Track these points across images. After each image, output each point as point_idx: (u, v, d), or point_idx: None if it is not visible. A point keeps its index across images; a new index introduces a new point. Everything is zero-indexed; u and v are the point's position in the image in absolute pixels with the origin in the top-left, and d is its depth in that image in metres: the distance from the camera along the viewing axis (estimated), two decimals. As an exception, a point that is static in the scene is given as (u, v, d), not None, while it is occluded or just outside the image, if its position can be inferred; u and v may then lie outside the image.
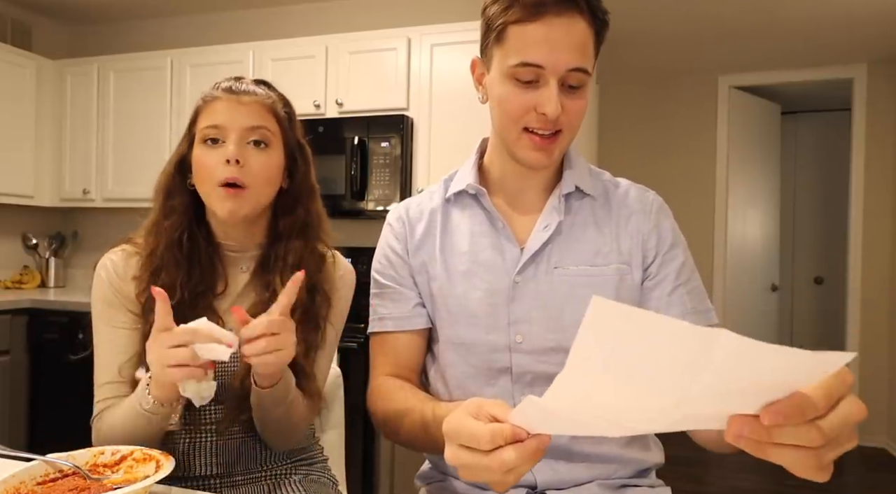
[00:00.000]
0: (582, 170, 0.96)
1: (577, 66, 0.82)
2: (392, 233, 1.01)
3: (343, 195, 2.62)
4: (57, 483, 0.73)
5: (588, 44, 0.83)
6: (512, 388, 0.91)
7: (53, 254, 3.44)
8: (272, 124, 0.98)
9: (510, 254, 0.92)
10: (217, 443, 0.97)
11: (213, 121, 0.94)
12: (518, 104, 0.84)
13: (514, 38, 0.82)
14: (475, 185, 0.95)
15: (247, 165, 0.94)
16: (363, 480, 2.33)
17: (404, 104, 2.64)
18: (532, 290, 0.90)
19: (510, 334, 0.90)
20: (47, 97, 3.22)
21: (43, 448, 0.84)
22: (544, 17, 0.80)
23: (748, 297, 4.30)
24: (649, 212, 0.94)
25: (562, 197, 0.93)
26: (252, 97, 0.96)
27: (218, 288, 1.00)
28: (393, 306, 0.98)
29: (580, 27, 0.82)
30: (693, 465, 3.44)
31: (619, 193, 0.97)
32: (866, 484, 3.24)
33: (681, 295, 0.91)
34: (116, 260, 0.98)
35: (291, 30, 3.19)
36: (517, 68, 0.82)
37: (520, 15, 0.81)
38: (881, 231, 3.84)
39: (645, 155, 4.33)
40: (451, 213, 0.99)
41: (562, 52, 0.80)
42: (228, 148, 0.93)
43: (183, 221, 0.97)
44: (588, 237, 0.92)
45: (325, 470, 1.10)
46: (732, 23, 3.24)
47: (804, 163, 5.13)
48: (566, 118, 0.85)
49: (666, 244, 0.93)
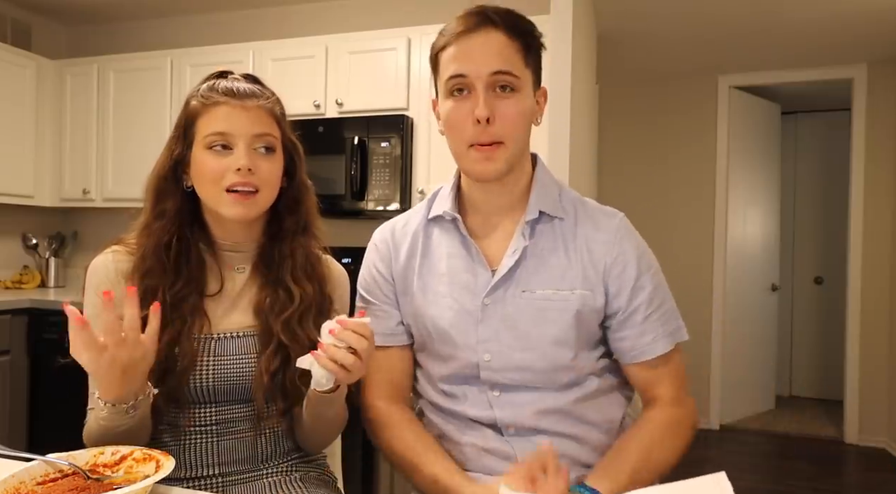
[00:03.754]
0: (550, 191, 1.00)
1: (498, 69, 0.89)
2: (377, 255, 1.08)
3: (343, 195, 2.62)
4: (57, 483, 0.73)
5: (508, 52, 0.90)
6: (482, 392, 0.98)
7: (53, 254, 3.44)
8: (275, 129, 0.99)
9: (482, 278, 0.98)
10: (217, 443, 0.97)
11: (219, 128, 0.95)
12: (457, 116, 0.92)
13: (443, 60, 0.94)
14: (451, 212, 1.01)
15: (257, 171, 0.95)
16: (363, 480, 2.33)
17: (404, 104, 2.64)
18: (499, 312, 0.96)
19: (479, 352, 0.97)
20: (47, 97, 3.21)
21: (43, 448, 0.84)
22: (463, 37, 0.91)
23: (748, 297, 4.30)
24: (613, 241, 0.98)
25: (526, 223, 0.97)
26: (255, 101, 0.97)
27: (211, 289, 1.00)
28: (377, 323, 1.02)
29: (497, 38, 0.90)
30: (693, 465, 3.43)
31: (586, 217, 1.00)
32: (866, 484, 3.24)
33: (653, 323, 0.97)
34: (106, 262, 0.98)
35: (291, 30, 3.19)
36: (449, 83, 0.92)
37: (445, 41, 0.93)
38: (881, 231, 3.84)
39: (645, 155, 4.33)
40: (433, 233, 1.05)
41: (480, 58, 0.90)
42: (240, 157, 0.94)
43: (173, 225, 0.98)
44: (554, 261, 0.97)
45: (323, 469, 1.10)
46: (732, 23, 3.24)
47: (804, 164, 5.13)
48: (502, 125, 0.90)
49: (631, 277, 0.96)
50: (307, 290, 1.01)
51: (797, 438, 3.99)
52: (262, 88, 1.01)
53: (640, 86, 4.33)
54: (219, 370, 0.96)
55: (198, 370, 0.94)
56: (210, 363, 0.95)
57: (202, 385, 0.95)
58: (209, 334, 0.96)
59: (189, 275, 0.97)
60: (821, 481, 3.21)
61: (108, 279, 0.96)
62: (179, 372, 0.93)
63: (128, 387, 0.81)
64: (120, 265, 0.97)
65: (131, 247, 0.99)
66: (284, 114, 1.04)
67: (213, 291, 1.00)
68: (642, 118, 4.34)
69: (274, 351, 0.96)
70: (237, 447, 0.98)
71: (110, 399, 0.81)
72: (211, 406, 0.97)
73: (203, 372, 0.95)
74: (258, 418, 0.98)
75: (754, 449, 3.76)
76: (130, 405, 0.83)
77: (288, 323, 0.98)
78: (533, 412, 0.95)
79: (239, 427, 0.98)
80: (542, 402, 0.95)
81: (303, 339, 0.97)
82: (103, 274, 0.97)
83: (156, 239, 0.96)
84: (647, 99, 4.32)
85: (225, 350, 0.97)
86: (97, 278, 0.97)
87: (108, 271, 0.97)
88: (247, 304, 1.01)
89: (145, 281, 0.94)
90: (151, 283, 0.93)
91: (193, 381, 0.94)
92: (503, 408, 0.96)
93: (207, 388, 0.95)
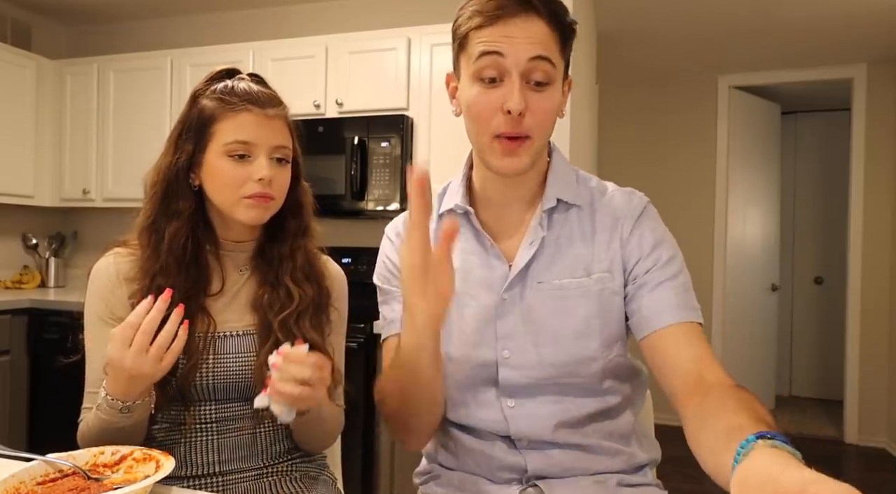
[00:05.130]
0: (567, 178, 0.97)
1: (538, 54, 0.83)
2: (392, 248, 1.03)
3: (343, 195, 2.62)
4: (57, 483, 0.73)
5: (549, 41, 0.85)
6: (498, 400, 0.93)
7: (53, 254, 3.44)
8: (290, 140, 1.01)
9: (499, 272, 0.94)
10: (217, 441, 0.97)
11: (243, 136, 0.95)
12: (484, 104, 0.85)
13: (475, 39, 0.86)
14: (462, 205, 0.96)
15: (274, 180, 0.97)
16: (363, 480, 2.33)
17: (404, 104, 2.64)
18: (518, 306, 0.92)
19: (497, 349, 0.92)
20: (47, 97, 3.21)
21: (43, 448, 0.84)
22: (502, 19, 0.84)
23: (748, 297, 4.30)
24: (633, 216, 0.94)
25: (544, 213, 0.93)
26: (275, 110, 0.99)
27: (213, 288, 1.01)
28: (400, 307, 0.98)
29: (538, 25, 0.84)
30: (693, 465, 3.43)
31: (605, 200, 0.96)
32: (866, 484, 3.24)
33: (665, 290, 0.89)
34: (107, 266, 0.98)
35: (291, 30, 3.19)
36: (480, 63, 0.84)
37: (480, 21, 0.85)
38: (881, 231, 3.84)
39: (645, 155, 4.33)
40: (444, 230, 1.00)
41: (520, 43, 0.83)
42: (262, 168, 0.95)
43: (188, 225, 0.98)
44: (573, 250, 0.93)
45: (323, 468, 1.10)
46: (732, 23, 3.24)
47: (804, 163, 5.13)
48: (533, 119, 0.85)
49: (648, 245, 0.92)
50: (307, 291, 1.02)
51: (797, 438, 3.99)
52: (274, 92, 1.02)
53: (639, 86, 4.33)
54: (220, 368, 0.96)
55: (201, 368, 0.95)
56: (211, 361, 0.96)
57: (203, 382, 0.95)
58: (212, 332, 0.97)
59: (197, 274, 0.98)
60: (821, 481, 3.21)
61: (109, 282, 0.97)
62: (185, 373, 0.93)
63: (130, 391, 0.83)
64: (121, 267, 0.98)
65: (133, 247, 0.99)
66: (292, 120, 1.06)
67: (216, 290, 1.01)
68: (642, 118, 4.34)
69: (272, 348, 0.96)
70: (237, 445, 0.99)
71: (112, 394, 0.84)
72: (211, 403, 0.97)
73: (205, 369, 0.95)
74: (258, 416, 0.98)
75: (754, 449, 3.76)
76: (126, 405, 0.84)
77: (285, 322, 0.99)
78: (549, 424, 0.91)
79: (239, 425, 0.99)
80: (558, 415, 0.91)
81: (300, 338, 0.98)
82: (105, 278, 0.97)
83: (170, 240, 0.96)
84: (646, 98, 4.32)
85: (226, 348, 0.98)
86: (98, 282, 0.98)
87: (109, 275, 0.97)
88: (246, 303, 1.02)
89: (157, 280, 0.94)
90: (165, 282, 0.93)
91: (197, 379, 0.95)
92: (517, 420, 0.92)
93: (209, 386, 0.96)
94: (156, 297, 0.83)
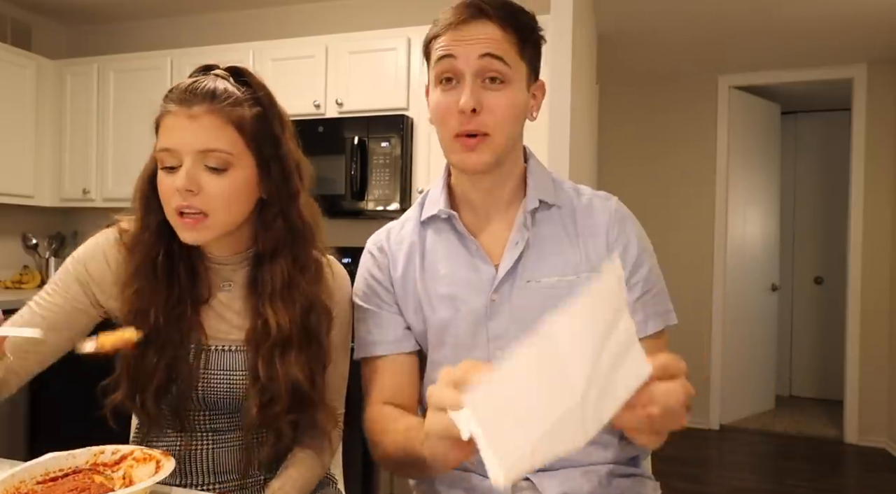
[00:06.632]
0: (545, 181, 0.99)
1: (487, 51, 0.87)
2: (374, 263, 1.04)
3: (343, 195, 2.62)
4: (57, 483, 0.73)
5: (501, 41, 0.88)
6: None
7: (53, 254, 3.44)
8: (229, 140, 0.85)
9: (486, 274, 0.95)
10: (213, 450, 0.96)
11: (167, 143, 0.85)
12: (444, 105, 0.90)
13: (435, 46, 0.91)
14: (445, 209, 0.98)
15: (202, 192, 0.84)
16: (363, 480, 2.33)
17: (404, 104, 2.64)
18: (508, 306, 0.94)
19: (490, 350, 0.94)
20: (47, 97, 3.21)
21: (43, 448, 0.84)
22: (456, 26, 0.89)
23: (748, 297, 4.30)
24: (613, 221, 0.97)
25: (527, 212, 0.95)
26: (203, 106, 0.84)
27: (203, 299, 0.96)
28: (380, 332, 0.99)
29: (490, 28, 0.88)
30: (693, 465, 3.44)
31: (583, 203, 0.99)
32: (866, 484, 3.24)
33: (644, 302, 0.95)
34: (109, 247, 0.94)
35: (291, 30, 3.19)
36: (438, 67, 0.90)
37: (438, 30, 0.91)
38: (881, 231, 3.84)
39: (645, 155, 4.33)
40: (428, 237, 1.01)
41: (470, 44, 0.87)
42: (179, 176, 0.83)
43: (159, 240, 0.90)
44: (557, 249, 0.95)
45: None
46: (732, 23, 3.24)
47: (804, 163, 5.13)
48: (491, 117, 0.88)
49: (633, 254, 0.96)
50: (283, 321, 0.91)
51: (797, 438, 3.99)
52: (235, 85, 0.89)
53: (640, 86, 4.33)
54: (210, 383, 0.93)
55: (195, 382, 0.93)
56: (202, 375, 0.93)
57: (195, 395, 0.93)
58: (205, 345, 0.94)
59: (181, 289, 0.92)
60: (820, 481, 3.21)
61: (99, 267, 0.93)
62: (181, 391, 0.91)
63: None
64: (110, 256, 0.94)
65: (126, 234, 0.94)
66: (266, 113, 0.90)
67: (205, 300, 0.96)
68: (642, 118, 4.34)
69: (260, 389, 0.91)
70: (234, 454, 0.97)
71: None
72: (204, 412, 0.96)
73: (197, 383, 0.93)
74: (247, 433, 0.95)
75: (754, 449, 3.76)
76: None
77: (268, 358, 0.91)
78: None
79: (231, 435, 0.97)
80: None
81: (280, 378, 0.90)
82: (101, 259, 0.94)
83: (142, 255, 0.90)
84: (646, 99, 4.32)
85: (216, 364, 0.94)
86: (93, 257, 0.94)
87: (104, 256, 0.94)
88: (236, 319, 0.96)
89: (135, 303, 0.89)
90: (141, 306, 0.88)
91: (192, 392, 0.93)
92: None
93: (199, 399, 0.94)
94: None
